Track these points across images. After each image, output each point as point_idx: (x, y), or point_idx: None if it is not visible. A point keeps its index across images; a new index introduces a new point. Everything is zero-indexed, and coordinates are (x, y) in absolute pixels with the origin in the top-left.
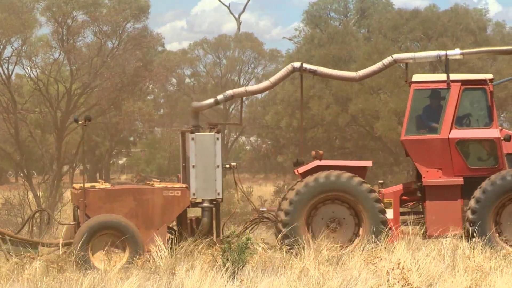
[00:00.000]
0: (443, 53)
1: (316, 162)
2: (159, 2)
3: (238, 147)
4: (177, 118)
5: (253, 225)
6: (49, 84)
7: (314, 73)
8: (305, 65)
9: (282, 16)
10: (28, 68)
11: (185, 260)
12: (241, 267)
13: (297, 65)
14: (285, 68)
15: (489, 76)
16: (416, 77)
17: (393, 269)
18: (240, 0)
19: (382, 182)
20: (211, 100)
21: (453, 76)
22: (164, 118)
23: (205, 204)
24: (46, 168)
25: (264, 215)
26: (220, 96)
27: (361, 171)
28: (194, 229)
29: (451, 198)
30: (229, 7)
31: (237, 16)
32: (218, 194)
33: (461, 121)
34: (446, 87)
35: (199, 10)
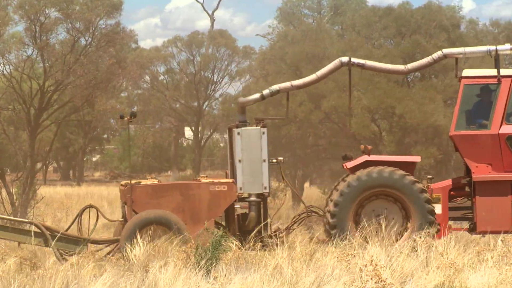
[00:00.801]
0: (493, 48)
1: (365, 157)
2: None
3: (212, 144)
4: (151, 116)
5: (301, 220)
6: (22, 81)
7: (362, 67)
8: (353, 59)
9: (256, 13)
10: (1, 65)
11: (159, 257)
12: (214, 264)
13: (345, 59)
14: (333, 62)
15: None
16: (466, 72)
17: (366, 266)
18: None
19: (431, 177)
20: (257, 95)
21: (503, 71)
22: (138, 115)
23: (252, 199)
24: (19, 166)
25: (312, 209)
26: (266, 91)
27: (409, 167)
28: (242, 224)
29: (501, 194)
30: (202, 4)
31: (210, 13)
32: (265, 188)
33: None
34: (496, 82)
35: (173, 7)
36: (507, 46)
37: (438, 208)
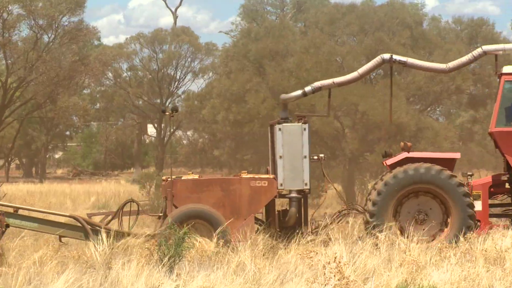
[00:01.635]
0: None
1: (404, 154)
2: None
3: (175, 141)
4: (113, 113)
5: (341, 217)
6: None
7: (403, 65)
8: (395, 56)
9: (219, 10)
10: None
11: (123, 254)
12: (177, 261)
13: (386, 56)
14: (374, 60)
15: None
16: (506, 69)
17: (329, 263)
18: None
19: (471, 174)
20: (298, 92)
21: None
22: (100, 112)
23: (293, 195)
24: None
25: (353, 206)
26: (308, 88)
27: (449, 163)
28: (282, 220)
29: None
30: (166, 1)
31: (173, 10)
32: (306, 184)
33: None
34: None
35: (136, 4)
36: None
37: (478, 205)
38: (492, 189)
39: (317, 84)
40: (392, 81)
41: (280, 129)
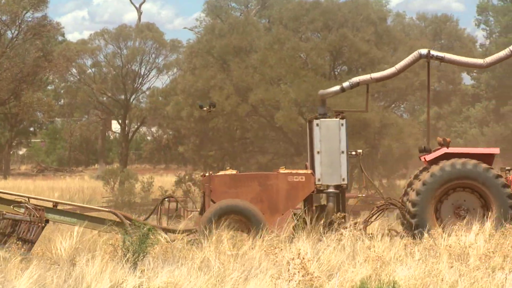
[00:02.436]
0: None
1: (443, 150)
2: None
3: (139, 137)
4: (78, 109)
5: (379, 212)
6: None
7: (441, 60)
8: (432, 51)
9: (184, 6)
10: None
11: (87, 251)
12: (142, 258)
13: (424, 51)
14: (412, 55)
15: None
16: None
17: (293, 259)
18: None
19: (509, 168)
20: (337, 88)
21: None
22: (65, 109)
23: (330, 190)
24: None
25: (391, 201)
26: (346, 83)
27: (488, 158)
28: (320, 215)
29: None
30: None
31: (138, 6)
32: (343, 180)
33: None
34: None
35: (100, 0)
36: None
37: None
38: None
39: (355, 79)
40: (429, 76)
41: (318, 125)
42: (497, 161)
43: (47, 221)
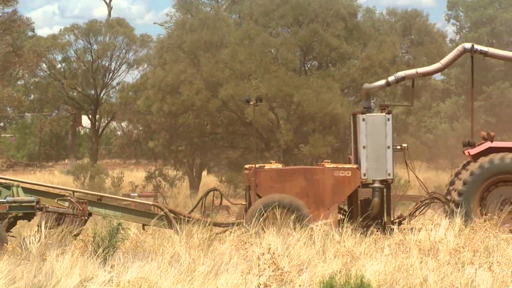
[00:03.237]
0: None
1: (488, 144)
2: None
3: (110, 132)
4: (48, 104)
5: (423, 206)
6: None
7: (485, 54)
8: (476, 46)
9: (154, 1)
10: None
11: (57, 246)
12: (112, 253)
13: (468, 46)
14: (456, 49)
15: None
16: None
17: (263, 254)
18: None
19: None
20: (382, 82)
21: None
22: (35, 104)
23: (376, 185)
24: None
25: (435, 196)
26: (391, 78)
27: None
28: (365, 210)
29: None
30: None
31: (108, 1)
32: (389, 174)
33: None
34: None
35: None
36: None
37: None
38: None
39: (401, 74)
40: (473, 71)
41: (363, 119)
42: None
43: (90, 214)
